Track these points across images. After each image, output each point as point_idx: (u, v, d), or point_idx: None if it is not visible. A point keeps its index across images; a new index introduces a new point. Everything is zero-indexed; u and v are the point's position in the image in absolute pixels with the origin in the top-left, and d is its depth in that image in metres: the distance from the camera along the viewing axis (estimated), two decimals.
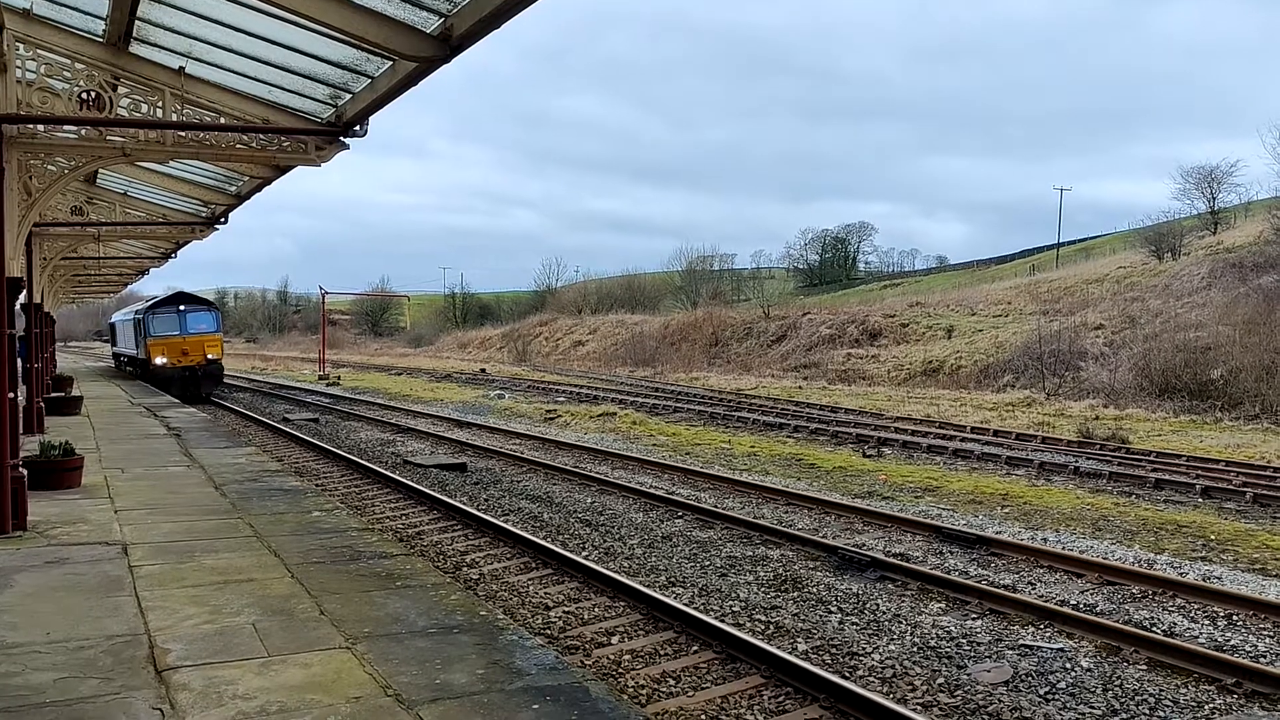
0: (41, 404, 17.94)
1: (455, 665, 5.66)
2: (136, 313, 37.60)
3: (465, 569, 10.80)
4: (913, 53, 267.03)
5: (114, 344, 49.74)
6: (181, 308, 34.48)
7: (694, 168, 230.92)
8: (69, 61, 11.16)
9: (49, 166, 12.58)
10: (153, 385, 33.08)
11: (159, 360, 33.48)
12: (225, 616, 6.62)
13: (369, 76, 10.67)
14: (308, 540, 8.98)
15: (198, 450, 15.54)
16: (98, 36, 11.23)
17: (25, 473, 9.73)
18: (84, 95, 11.05)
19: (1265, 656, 8.27)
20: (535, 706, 5.08)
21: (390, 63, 9.94)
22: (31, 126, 11.38)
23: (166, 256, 31.39)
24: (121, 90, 11.62)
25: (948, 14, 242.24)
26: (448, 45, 8.56)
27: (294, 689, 5.28)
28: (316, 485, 14.77)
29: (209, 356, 33.92)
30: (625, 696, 7.04)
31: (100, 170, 16.41)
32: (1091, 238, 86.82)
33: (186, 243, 26.25)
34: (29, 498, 9.67)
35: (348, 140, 12.29)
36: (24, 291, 13.59)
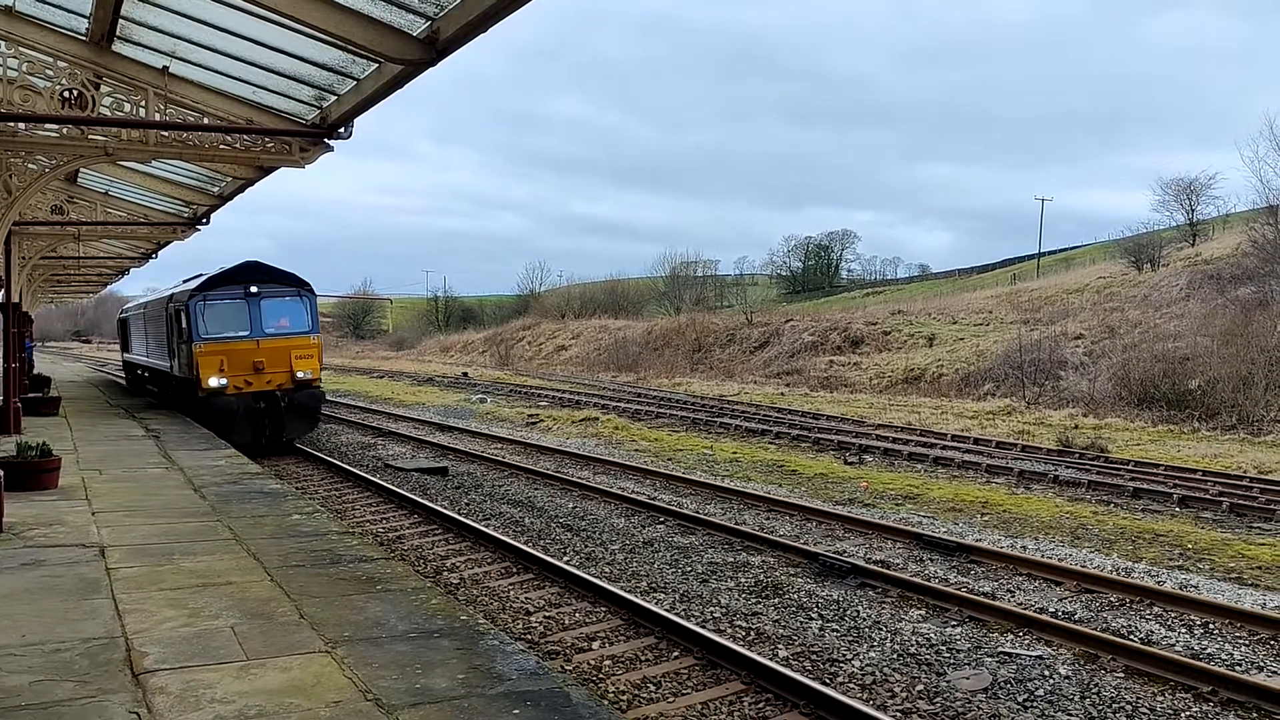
0: (18, 404, 17.76)
1: (436, 670, 5.64)
2: (172, 300, 22.03)
3: (446, 573, 10.77)
4: (901, 55, 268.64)
5: (126, 348, 34.00)
6: (254, 289, 20.18)
7: (679, 172, 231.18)
8: (51, 59, 11.09)
9: (29, 165, 12.50)
10: (199, 421, 19.75)
11: (214, 381, 19.53)
12: (204, 619, 6.57)
13: (354, 78, 10.67)
14: (288, 543, 8.93)
15: (176, 452, 15.42)
16: (81, 35, 11.17)
17: (1, 474, 9.64)
18: (66, 93, 10.99)
19: (1241, 665, 8.35)
20: (516, 711, 5.07)
21: (376, 65, 9.94)
22: (12, 124, 11.31)
23: (147, 257, 31.23)
24: (104, 89, 11.56)
25: (936, 15, 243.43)
26: (434, 48, 8.58)
27: (273, 693, 5.25)
28: (297, 488, 14.67)
29: (299, 375, 20.08)
30: (606, 701, 7.04)
31: (81, 169, 16.32)
32: (1072, 248, 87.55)
33: (168, 243, 26.16)
34: (5, 499, 9.56)
35: (332, 142, 12.29)
36: (1, 291, 13.47)
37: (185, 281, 23.30)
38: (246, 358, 19.72)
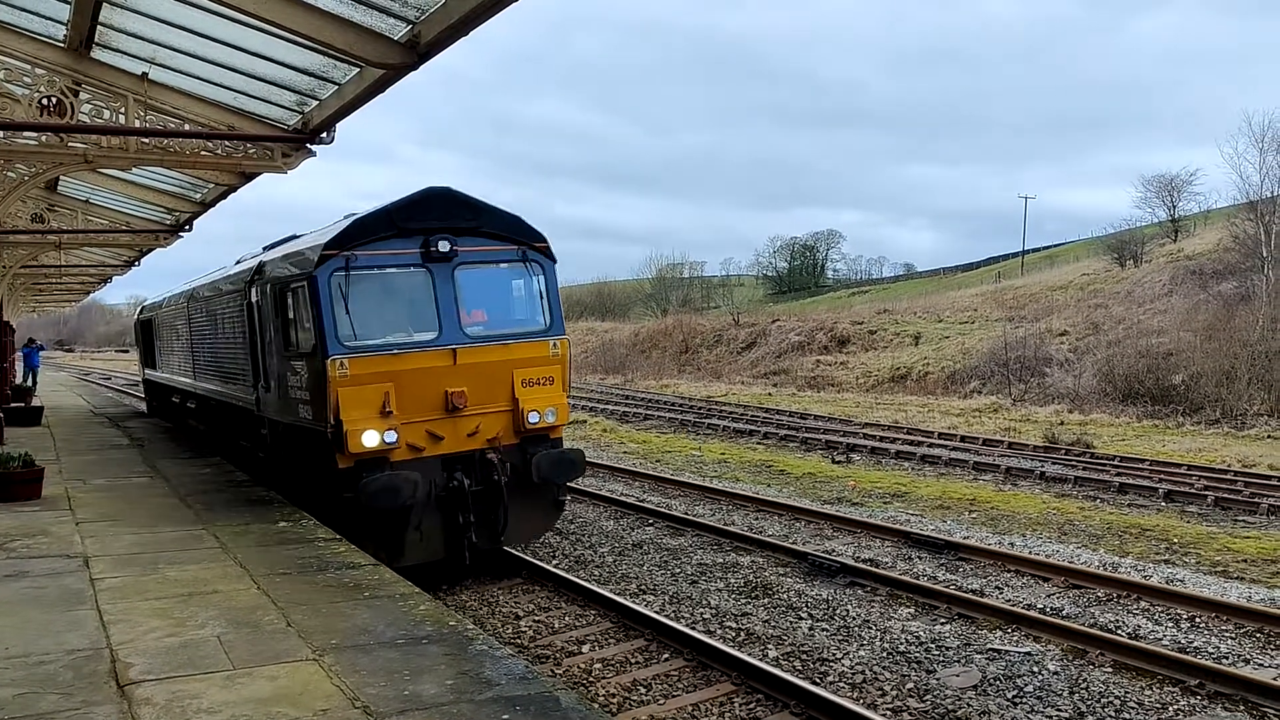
0: (0, 415, 17.61)
1: (424, 676, 5.61)
2: (263, 273, 11.71)
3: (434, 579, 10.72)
4: (890, 58, 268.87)
5: (150, 362, 23.57)
6: (442, 246, 10.14)
7: (666, 174, 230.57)
8: (29, 66, 11.00)
9: (8, 173, 12.41)
10: (336, 524, 9.92)
11: (371, 436, 9.51)
12: (190, 629, 6.52)
13: (336, 83, 10.62)
14: (274, 551, 8.87)
15: (161, 461, 15.31)
16: (59, 41, 11.09)
17: None
18: (45, 101, 10.90)
19: (1227, 658, 8.40)
20: (505, 717, 5.05)
21: (358, 69, 9.90)
22: None
23: (130, 264, 31.00)
24: (83, 96, 11.48)
25: (925, 18, 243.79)
26: (415, 52, 8.56)
27: (260, 702, 5.21)
28: (283, 496, 14.59)
29: (530, 418, 10.44)
30: (596, 705, 7.02)
31: (62, 177, 16.18)
32: (1056, 245, 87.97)
33: (150, 250, 25.98)
34: None
35: (314, 146, 12.23)
36: None
37: (276, 246, 12.89)
38: (431, 384, 9.97)
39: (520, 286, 11.10)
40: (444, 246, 10.08)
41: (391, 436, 9.56)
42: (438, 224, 10.16)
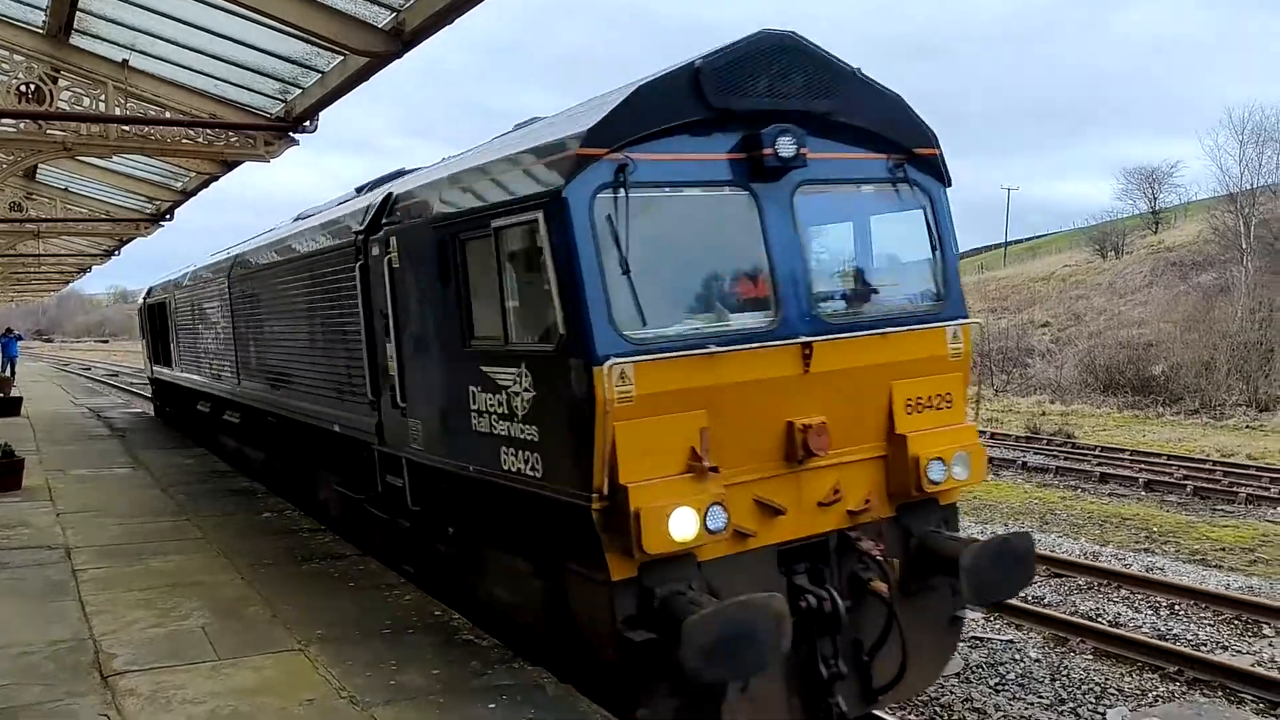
0: None
1: (410, 666, 5.61)
2: (396, 214, 7.00)
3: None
4: (876, 49, 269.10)
5: (163, 357, 18.39)
6: (784, 151, 5.40)
7: None
8: (7, 53, 10.86)
9: None
10: (590, 690, 5.44)
11: (684, 520, 4.91)
12: (174, 620, 6.49)
13: (319, 71, 10.54)
14: (259, 542, 8.84)
15: (143, 452, 15.20)
16: (37, 27, 10.95)
17: None
18: (23, 88, 10.77)
19: (1206, 645, 8.50)
20: (491, 705, 5.05)
21: (341, 57, 9.83)
22: None
23: (110, 254, 30.71)
24: (62, 83, 11.34)
25: (906, 9, 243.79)
26: (399, 40, 8.51)
27: (246, 692, 5.20)
28: (268, 487, 14.52)
29: (935, 471, 5.86)
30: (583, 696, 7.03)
31: (40, 165, 15.99)
32: (1038, 237, 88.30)
33: (130, 240, 25.71)
34: None
35: (297, 135, 12.13)
36: None
37: (376, 186, 8.88)
38: (767, 410, 5.47)
39: (894, 227, 6.46)
40: (786, 149, 5.49)
41: (718, 519, 5.12)
42: (769, 104, 5.56)
